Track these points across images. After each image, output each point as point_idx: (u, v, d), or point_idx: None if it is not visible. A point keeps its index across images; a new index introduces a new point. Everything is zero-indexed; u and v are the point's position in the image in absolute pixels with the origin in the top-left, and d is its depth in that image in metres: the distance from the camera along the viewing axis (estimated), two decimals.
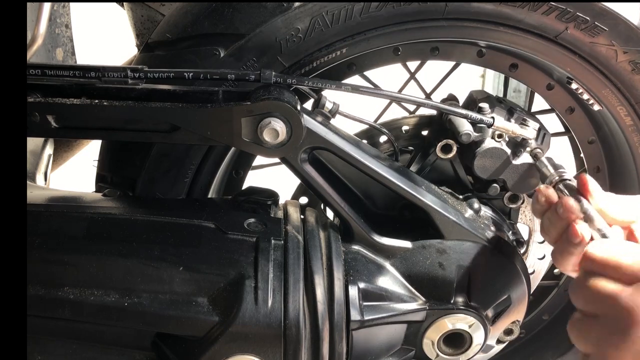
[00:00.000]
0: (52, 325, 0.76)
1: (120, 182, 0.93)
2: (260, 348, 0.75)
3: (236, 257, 0.77)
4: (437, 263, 0.84)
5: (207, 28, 0.84)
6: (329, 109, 0.81)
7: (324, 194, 0.83)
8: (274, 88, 0.78)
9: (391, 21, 0.84)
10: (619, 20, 0.85)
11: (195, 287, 0.75)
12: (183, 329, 0.75)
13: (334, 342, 0.77)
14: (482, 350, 0.89)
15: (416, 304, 0.83)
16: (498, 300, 0.86)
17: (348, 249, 0.84)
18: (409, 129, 1.03)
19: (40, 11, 0.78)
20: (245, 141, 0.78)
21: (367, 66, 0.95)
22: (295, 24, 0.83)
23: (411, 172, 0.92)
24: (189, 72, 0.77)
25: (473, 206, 0.92)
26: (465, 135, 0.89)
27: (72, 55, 1.24)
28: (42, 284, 0.74)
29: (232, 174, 1.01)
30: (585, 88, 0.92)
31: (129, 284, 0.75)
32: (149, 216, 0.81)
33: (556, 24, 0.85)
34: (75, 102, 0.76)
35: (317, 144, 0.80)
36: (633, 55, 0.87)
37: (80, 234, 0.79)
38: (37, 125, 0.77)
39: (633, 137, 0.95)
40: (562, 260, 0.73)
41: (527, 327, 1.19)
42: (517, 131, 0.88)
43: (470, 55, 0.95)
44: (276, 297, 0.75)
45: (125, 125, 0.80)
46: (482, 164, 0.92)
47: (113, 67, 0.76)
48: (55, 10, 1.18)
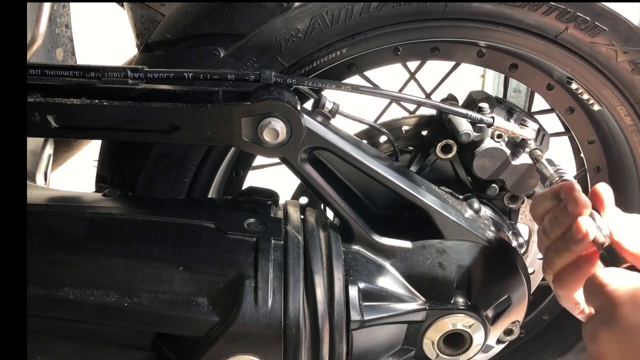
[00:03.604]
0: (52, 325, 0.76)
1: (120, 182, 0.93)
2: (260, 348, 0.75)
3: (236, 257, 0.77)
4: (437, 263, 0.84)
5: (207, 28, 0.84)
6: (329, 109, 0.81)
7: (324, 194, 0.83)
8: (274, 88, 0.78)
9: (391, 21, 0.84)
10: (619, 20, 0.85)
11: (195, 287, 0.75)
12: (183, 329, 0.75)
13: (334, 342, 0.77)
14: (482, 351, 0.89)
15: (416, 304, 0.83)
16: (498, 300, 0.86)
17: (348, 249, 0.84)
18: (409, 129, 1.03)
19: (40, 11, 0.78)
20: (245, 141, 0.78)
21: (367, 66, 0.95)
22: (295, 24, 0.83)
23: (411, 172, 0.92)
24: (188, 72, 0.77)
25: (473, 206, 0.92)
26: (465, 135, 0.89)
27: (72, 55, 1.24)
28: (42, 284, 0.74)
29: (232, 174, 1.01)
30: (585, 88, 0.93)
31: (129, 284, 0.75)
32: (149, 216, 0.81)
33: (556, 24, 0.85)
34: (75, 102, 0.76)
35: (317, 144, 0.80)
36: (633, 55, 0.87)
37: (80, 234, 0.78)
38: (37, 125, 0.77)
39: (633, 137, 0.95)
40: (555, 261, 0.72)
41: (527, 327, 1.19)
42: (516, 131, 0.88)
43: (470, 55, 0.95)
44: (276, 297, 0.75)
45: (125, 125, 0.80)
46: (482, 164, 0.92)
47: (113, 67, 0.76)
48: (55, 10, 1.18)
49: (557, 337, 1.18)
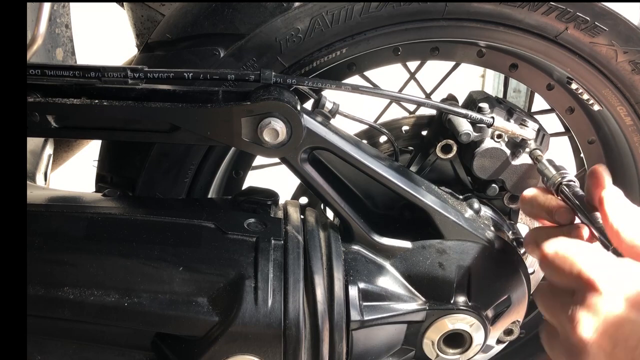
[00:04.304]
0: (52, 325, 0.76)
1: (120, 182, 0.93)
2: (260, 348, 0.75)
3: (236, 257, 0.77)
4: (437, 263, 0.84)
5: (207, 28, 0.84)
6: (329, 109, 0.81)
7: (324, 194, 0.83)
8: (274, 88, 0.78)
9: (391, 21, 0.84)
10: (619, 20, 0.85)
11: (195, 287, 0.75)
12: (183, 329, 0.75)
13: (334, 342, 0.77)
14: (482, 351, 0.89)
15: (416, 304, 0.83)
16: (498, 300, 0.86)
17: (348, 249, 0.84)
18: (409, 129, 1.03)
19: (40, 11, 0.78)
20: (245, 141, 0.78)
21: (367, 66, 0.95)
22: (295, 24, 0.83)
23: (411, 172, 0.92)
24: (188, 72, 0.77)
25: (473, 206, 0.92)
26: (465, 135, 0.89)
27: (72, 55, 1.24)
28: (42, 284, 0.74)
29: (232, 174, 1.01)
30: (585, 88, 0.92)
31: (129, 284, 0.75)
32: (149, 216, 0.81)
33: (556, 24, 0.85)
34: (75, 102, 0.76)
35: (317, 144, 0.80)
36: (633, 55, 0.87)
37: (80, 234, 0.78)
38: (37, 125, 0.77)
39: (633, 137, 0.95)
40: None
41: (527, 327, 1.19)
42: (516, 131, 0.88)
43: (470, 55, 0.95)
44: (276, 297, 0.75)
45: (125, 125, 0.80)
46: (481, 164, 0.92)
47: (113, 67, 0.76)
48: (55, 10, 1.18)
49: None
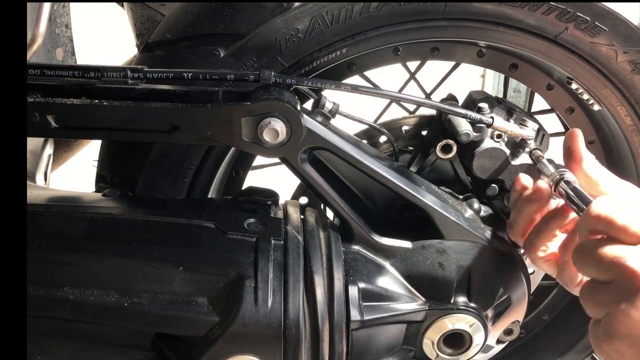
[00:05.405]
0: (52, 325, 0.76)
1: (120, 182, 0.93)
2: (260, 348, 0.75)
3: (236, 257, 0.77)
4: (437, 263, 0.84)
5: (207, 28, 0.84)
6: (329, 109, 0.81)
7: (324, 194, 0.83)
8: (274, 88, 0.78)
9: (391, 21, 0.84)
10: (619, 20, 0.85)
11: (195, 287, 0.75)
12: (183, 329, 0.75)
13: (334, 342, 0.77)
14: (482, 350, 0.89)
15: (416, 304, 0.83)
16: (498, 300, 0.86)
17: (348, 249, 0.84)
18: (409, 129, 1.03)
19: (40, 11, 0.78)
20: (245, 141, 0.78)
21: (367, 66, 0.95)
22: (295, 24, 0.83)
23: (411, 172, 0.92)
24: (188, 72, 0.77)
25: (473, 206, 0.92)
26: (465, 135, 0.89)
27: (72, 55, 1.24)
28: (42, 284, 0.74)
29: (232, 174, 1.01)
30: (585, 88, 0.92)
31: (129, 284, 0.75)
32: (149, 216, 0.81)
33: (556, 24, 0.85)
34: (75, 102, 0.76)
35: (317, 144, 0.80)
36: (633, 55, 0.87)
37: (80, 234, 0.78)
38: (37, 125, 0.77)
39: (633, 137, 0.95)
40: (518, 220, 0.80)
41: (527, 327, 1.19)
42: (516, 131, 0.88)
43: (470, 55, 0.95)
44: (276, 297, 0.75)
45: (125, 125, 0.80)
46: (481, 164, 0.92)
47: (113, 67, 0.76)
48: (55, 10, 1.18)
49: (557, 337, 1.18)
